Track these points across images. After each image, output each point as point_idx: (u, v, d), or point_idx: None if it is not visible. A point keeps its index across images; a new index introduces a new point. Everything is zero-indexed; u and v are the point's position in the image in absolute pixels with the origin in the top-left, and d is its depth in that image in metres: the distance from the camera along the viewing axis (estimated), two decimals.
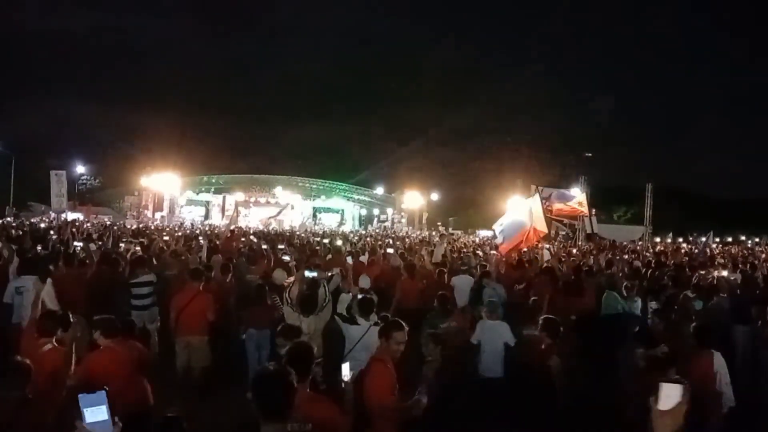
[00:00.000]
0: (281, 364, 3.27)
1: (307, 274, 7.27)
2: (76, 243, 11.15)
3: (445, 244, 18.11)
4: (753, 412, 6.01)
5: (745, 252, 26.46)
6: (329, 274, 9.50)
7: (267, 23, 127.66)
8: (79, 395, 2.45)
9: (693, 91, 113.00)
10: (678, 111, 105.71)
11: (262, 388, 3.04)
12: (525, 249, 13.72)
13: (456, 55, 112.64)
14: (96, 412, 2.43)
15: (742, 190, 68.07)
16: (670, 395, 2.31)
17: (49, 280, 7.34)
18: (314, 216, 54.42)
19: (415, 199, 52.66)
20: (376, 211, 59.09)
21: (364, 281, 8.70)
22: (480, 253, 17.18)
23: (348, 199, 58.37)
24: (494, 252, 14.09)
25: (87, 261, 9.50)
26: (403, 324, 4.91)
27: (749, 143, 76.15)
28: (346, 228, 47.43)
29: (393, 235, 31.97)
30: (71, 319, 5.30)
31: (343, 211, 57.02)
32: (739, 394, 5.79)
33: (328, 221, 52.87)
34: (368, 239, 24.90)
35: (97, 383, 4.96)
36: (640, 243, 32.53)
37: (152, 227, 29.17)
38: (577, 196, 16.02)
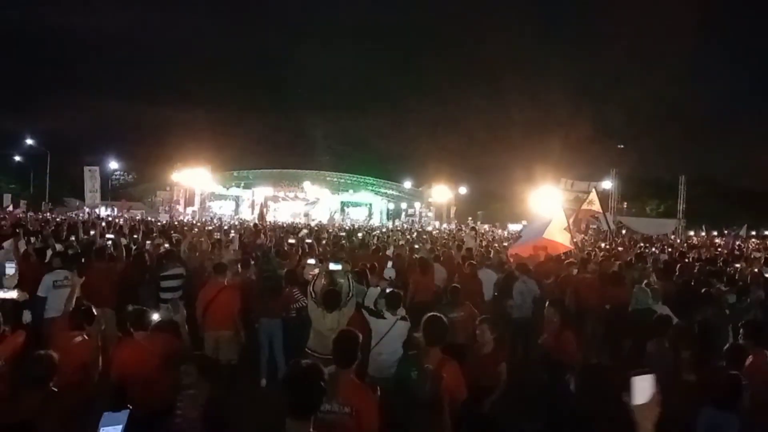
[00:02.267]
0: (314, 362, 3.25)
1: (332, 267, 7.28)
2: (107, 236, 11.32)
3: (476, 238, 18.05)
4: None
5: None
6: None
7: (296, 16, 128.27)
8: (105, 413, 2.44)
9: (727, 81, 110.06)
10: (713, 101, 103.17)
11: (294, 385, 3.03)
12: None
13: (485, 47, 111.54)
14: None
15: None
16: (643, 388, 2.30)
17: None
18: (342, 210, 54.65)
19: (443, 193, 52.44)
20: (403, 205, 59.01)
21: (390, 272, 8.72)
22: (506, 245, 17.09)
23: (376, 193, 58.37)
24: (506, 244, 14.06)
25: (117, 255, 9.66)
26: None
27: None
28: (374, 222, 47.51)
29: (420, 229, 31.94)
30: (94, 313, 5.43)
31: (370, 205, 57.09)
32: None
33: (356, 215, 53.08)
34: (395, 233, 24.94)
35: (123, 375, 5.07)
36: (673, 236, 31.97)
37: (184, 221, 29.64)
38: (589, 197, 15.87)
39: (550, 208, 14.01)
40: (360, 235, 20.93)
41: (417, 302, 9.28)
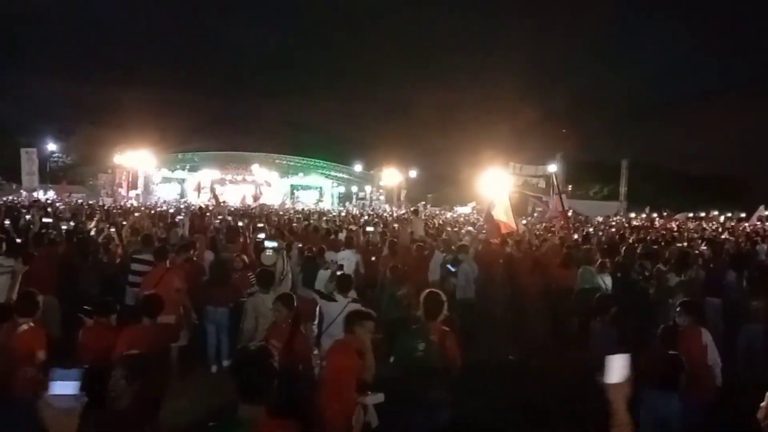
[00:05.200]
0: (264, 344, 3.16)
1: (267, 244, 7.13)
2: (45, 219, 10.87)
3: (422, 221, 18.14)
4: (733, 387, 5.75)
5: (717, 226, 26.85)
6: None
7: None
8: (56, 369, 2.33)
9: (669, 68, 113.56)
10: (655, 87, 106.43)
11: (242, 368, 2.94)
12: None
13: (436, 31, 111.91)
14: (65, 387, 2.32)
15: (716, 167, 69.10)
16: (618, 367, 2.38)
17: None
18: (292, 194, 54.10)
19: (393, 176, 52.42)
20: (354, 189, 58.80)
21: (331, 256, 8.69)
22: (458, 229, 17.27)
23: (326, 177, 57.94)
24: (470, 228, 14.17)
25: (57, 240, 9.29)
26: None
27: (723, 121, 77.36)
28: (324, 206, 47.28)
29: (371, 213, 31.99)
30: (39, 300, 5.27)
31: (321, 188, 56.72)
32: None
33: (306, 199, 52.66)
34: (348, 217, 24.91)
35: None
36: (615, 219, 32.93)
37: (128, 205, 28.83)
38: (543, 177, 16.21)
39: (498, 191, 14.16)
40: (315, 218, 20.93)
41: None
